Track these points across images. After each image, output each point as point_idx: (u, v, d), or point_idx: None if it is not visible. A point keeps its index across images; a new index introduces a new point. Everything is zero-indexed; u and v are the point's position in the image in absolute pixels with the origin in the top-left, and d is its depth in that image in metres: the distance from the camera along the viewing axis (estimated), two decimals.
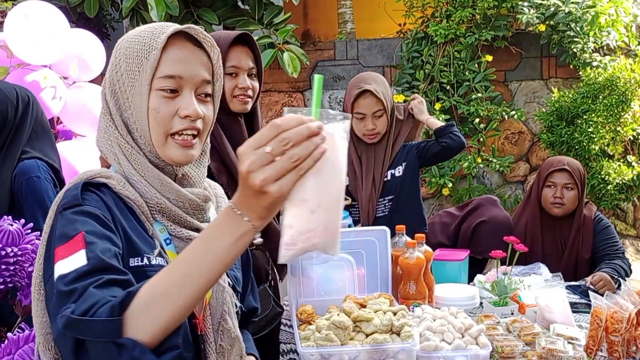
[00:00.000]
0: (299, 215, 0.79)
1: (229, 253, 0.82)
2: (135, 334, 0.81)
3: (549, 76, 5.70)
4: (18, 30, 2.64)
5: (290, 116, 0.78)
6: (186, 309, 0.84)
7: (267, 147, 0.76)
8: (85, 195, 1.01)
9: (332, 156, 0.79)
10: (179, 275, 0.83)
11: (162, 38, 1.03)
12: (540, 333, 1.90)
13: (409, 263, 2.11)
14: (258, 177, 0.76)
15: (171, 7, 5.17)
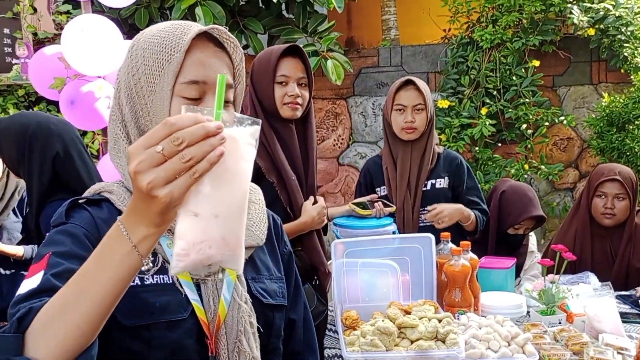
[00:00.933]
0: (192, 224, 0.71)
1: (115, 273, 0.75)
2: (33, 352, 0.75)
3: (599, 81, 5.57)
4: (75, 43, 2.76)
5: (186, 115, 0.70)
6: (83, 330, 0.76)
7: (158, 146, 0.69)
8: (74, 212, 0.98)
9: (233, 162, 0.72)
10: (68, 296, 0.76)
11: (185, 40, 0.95)
12: (588, 343, 1.87)
13: (454, 270, 2.11)
14: (145, 178, 0.69)
15: (218, 18, 5.29)
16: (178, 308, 0.97)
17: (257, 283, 1.09)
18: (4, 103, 4.99)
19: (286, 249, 1.21)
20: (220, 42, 1.01)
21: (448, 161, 2.77)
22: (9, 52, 3.60)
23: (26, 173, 2.16)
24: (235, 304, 1.01)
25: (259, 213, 1.12)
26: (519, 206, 2.80)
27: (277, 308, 1.11)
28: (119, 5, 3.37)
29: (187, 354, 0.96)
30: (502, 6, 5.41)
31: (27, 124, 2.17)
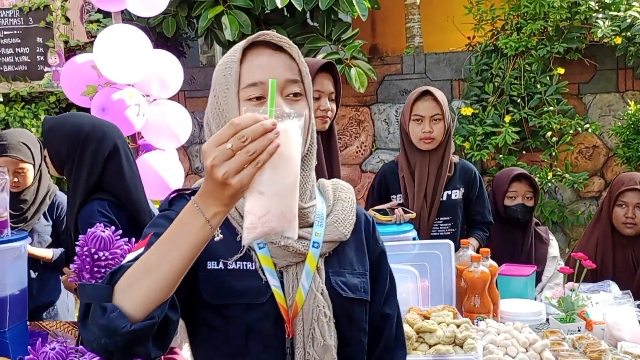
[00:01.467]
0: (258, 203, 0.88)
1: (191, 242, 0.90)
2: (120, 301, 0.91)
3: (625, 89, 5.51)
4: (106, 52, 2.86)
5: (247, 115, 0.86)
6: (162, 288, 0.91)
7: (227, 143, 0.84)
8: (176, 201, 1.14)
9: (286, 150, 0.87)
10: (151, 260, 0.92)
11: (239, 52, 1.10)
12: (607, 350, 1.88)
13: (473, 277, 2.13)
14: (220, 170, 0.84)
15: (244, 26, 5.38)
16: (256, 293, 1.09)
17: (337, 276, 1.17)
18: (35, 109, 5.15)
19: (377, 247, 1.27)
20: (277, 45, 1.12)
21: (464, 172, 2.81)
22: (41, 61, 3.73)
23: (73, 171, 2.20)
24: (312, 293, 1.11)
25: (347, 211, 1.21)
26: (505, 174, 2.93)
27: (358, 302, 1.18)
28: (148, 15, 3.47)
29: (263, 334, 1.09)
30: (527, 14, 5.40)
31: (82, 123, 2.24)
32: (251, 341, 1.10)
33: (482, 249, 2.24)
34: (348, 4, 5.47)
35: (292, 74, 1.12)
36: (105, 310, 0.89)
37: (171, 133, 3.06)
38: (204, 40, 6.81)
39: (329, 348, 1.12)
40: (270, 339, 1.11)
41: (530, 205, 2.84)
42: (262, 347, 1.10)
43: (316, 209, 1.18)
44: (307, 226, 1.16)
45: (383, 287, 1.27)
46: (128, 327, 0.88)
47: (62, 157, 2.24)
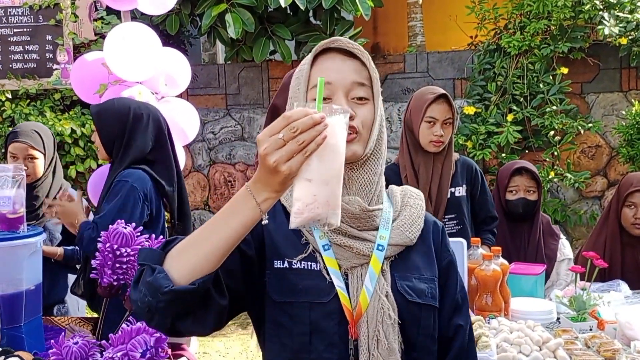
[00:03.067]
0: (305, 190, 0.94)
1: (240, 222, 0.98)
2: (169, 266, 0.99)
3: (629, 88, 5.53)
4: (116, 50, 2.85)
5: (298, 109, 0.93)
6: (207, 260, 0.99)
7: (279, 134, 0.91)
8: None
9: (332, 142, 0.94)
10: (203, 234, 1.00)
11: (311, 56, 1.17)
12: (620, 349, 1.88)
13: (485, 275, 2.14)
14: (272, 158, 0.91)
15: (247, 24, 5.38)
16: (320, 292, 1.12)
17: (404, 280, 1.18)
18: (41, 106, 5.15)
19: (446, 254, 1.27)
20: (349, 52, 1.16)
21: (465, 169, 2.81)
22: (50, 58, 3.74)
23: (122, 148, 2.33)
24: (377, 295, 1.13)
25: (414, 216, 1.23)
26: (507, 168, 2.91)
27: (425, 307, 1.18)
28: (156, 13, 3.46)
29: (327, 334, 1.12)
30: (530, 13, 5.41)
31: (129, 104, 2.40)
32: (315, 340, 1.12)
33: (494, 248, 2.25)
34: (351, 3, 5.47)
35: (359, 77, 1.15)
36: (154, 271, 0.98)
37: (179, 130, 3.05)
38: (206, 38, 6.82)
39: (393, 351, 1.13)
40: (334, 338, 1.12)
41: (532, 199, 2.80)
42: (325, 346, 1.12)
43: (383, 213, 1.20)
44: (372, 229, 1.17)
45: (453, 296, 1.26)
46: (170, 286, 0.96)
47: (112, 137, 2.34)
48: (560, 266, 2.82)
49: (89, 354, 1.31)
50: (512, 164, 2.94)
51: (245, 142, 6.13)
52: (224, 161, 6.16)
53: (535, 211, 2.84)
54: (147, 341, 1.26)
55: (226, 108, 6.17)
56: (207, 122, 6.07)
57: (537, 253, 2.78)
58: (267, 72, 6.07)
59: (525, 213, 2.81)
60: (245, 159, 6.11)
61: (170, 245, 1.03)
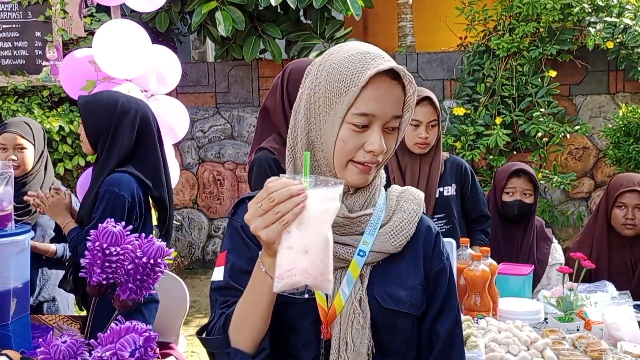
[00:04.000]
0: (284, 257, 0.99)
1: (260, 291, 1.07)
2: (236, 344, 1.10)
3: (616, 90, 5.58)
4: (105, 47, 2.83)
5: (280, 181, 0.99)
6: (260, 327, 1.10)
7: (259, 203, 0.99)
8: (238, 209, 1.24)
9: (314, 213, 0.99)
10: (243, 309, 1.10)
11: (365, 76, 1.08)
12: (607, 350, 1.90)
13: (474, 275, 2.15)
14: (252, 224, 0.99)
15: (238, 22, 5.37)
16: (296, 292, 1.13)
17: (383, 286, 1.18)
18: (29, 103, 5.10)
19: (438, 262, 1.24)
20: (397, 74, 1.12)
21: (455, 168, 2.81)
22: (39, 55, 3.69)
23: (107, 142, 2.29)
24: (351, 299, 1.16)
25: (404, 222, 1.21)
26: (505, 169, 2.90)
27: (402, 315, 1.18)
28: (147, 10, 3.45)
29: (304, 332, 1.17)
30: (519, 15, 5.45)
31: (117, 97, 2.35)
32: (293, 338, 1.17)
33: (482, 248, 2.26)
34: (342, 3, 5.48)
35: (398, 110, 1.14)
36: (229, 355, 1.10)
37: (169, 128, 3.04)
38: (196, 36, 6.79)
39: (361, 355, 1.15)
40: (310, 337, 1.16)
41: (528, 202, 2.81)
42: (301, 344, 1.16)
43: (372, 217, 1.19)
44: (356, 234, 1.17)
45: (437, 305, 1.23)
46: None
47: (98, 129, 2.30)
48: (551, 270, 2.82)
49: (78, 352, 1.30)
50: (511, 165, 2.93)
51: (235, 140, 6.12)
52: (213, 160, 6.14)
53: (530, 214, 2.84)
54: (136, 340, 1.25)
55: (216, 106, 6.15)
56: (197, 120, 6.05)
57: (530, 256, 2.79)
58: (257, 70, 6.06)
59: (520, 215, 2.81)
60: (235, 157, 6.09)
61: (225, 325, 1.11)
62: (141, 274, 1.43)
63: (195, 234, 6.23)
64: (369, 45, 1.16)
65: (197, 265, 6.21)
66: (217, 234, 6.23)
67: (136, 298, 1.48)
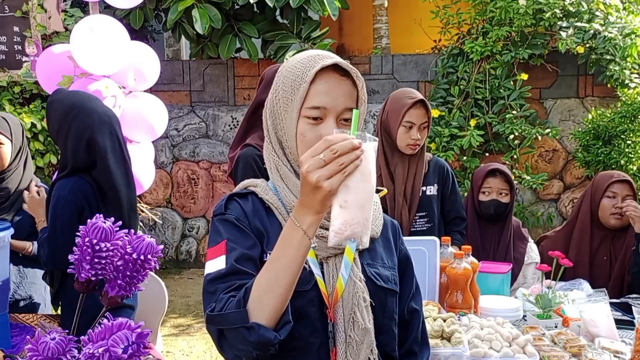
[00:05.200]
0: (345, 210, 1.02)
1: (296, 254, 1.06)
2: (256, 318, 1.07)
3: (585, 94, 5.72)
4: (83, 43, 2.78)
5: (338, 135, 1.02)
6: (285, 296, 1.08)
7: (321, 155, 1.00)
8: (229, 205, 1.27)
9: (366, 165, 1.03)
10: (270, 276, 1.09)
11: (311, 73, 1.20)
12: (586, 345, 1.94)
13: (456, 273, 2.18)
14: (314, 176, 1.00)
15: (214, 20, 5.33)
16: (302, 281, 1.17)
17: (371, 267, 1.31)
18: None
19: (403, 247, 1.42)
20: (345, 71, 1.23)
21: (437, 169, 2.87)
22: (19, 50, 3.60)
23: (61, 148, 2.23)
24: (351, 281, 1.23)
25: (376, 213, 1.34)
26: (482, 169, 2.97)
27: (389, 292, 1.31)
28: (125, 7, 3.40)
29: (310, 319, 1.20)
30: (493, 19, 5.54)
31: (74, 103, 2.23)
32: (299, 326, 1.18)
33: (464, 246, 2.29)
34: (319, 3, 5.49)
35: (351, 102, 1.23)
36: (252, 329, 1.06)
37: (147, 125, 3.00)
38: (170, 34, 6.72)
39: (368, 331, 1.22)
40: (316, 323, 1.21)
41: (504, 202, 2.86)
42: (309, 331, 1.21)
43: None
44: None
45: (410, 284, 1.40)
46: (279, 337, 1.07)
47: (54, 131, 2.25)
48: (527, 269, 2.88)
49: (66, 349, 1.28)
50: (487, 165, 2.98)
51: (210, 139, 6.07)
52: (188, 158, 6.08)
53: (507, 214, 2.89)
54: (129, 337, 1.23)
55: (190, 105, 6.10)
56: (171, 118, 5.97)
57: (506, 255, 2.84)
58: (233, 69, 6.03)
59: (496, 215, 2.86)
60: (209, 156, 6.05)
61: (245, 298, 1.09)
62: (131, 270, 1.40)
63: (168, 233, 6.16)
64: (320, 50, 1.29)
65: (171, 265, 6.14)
66: (191, 233, 6.17)
67: (125, 294, 1.45)
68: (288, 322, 1.09)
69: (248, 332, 1.07)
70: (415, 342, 1.39)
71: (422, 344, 1.40)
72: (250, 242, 1.21)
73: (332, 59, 1.21)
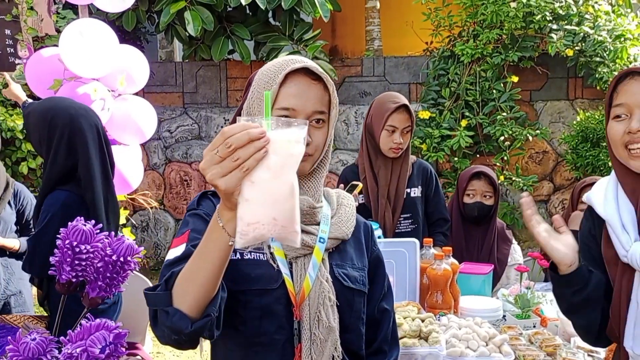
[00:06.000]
0: (247, 208, 0.91)
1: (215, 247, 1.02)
2: (178, 304, 1.06)
3: (575, 97, 5.76)
4: (72, 46, 2.81)
5: (237, 124, 0.91)
6: (207, 288, 1.06)
7: (215, 150, 0.92)
8: (202, 201, 1.31)
9: (278, 158, 0.90)
10: (194, 266, 1.07)
11: (281, 76, 1.21)
12: (561, 345, 1.99)
13: (436, 274, 2.22)
14: (208, 173, 0.92)
15: (207, 22, 5.37)
16: (269, 279, 1.23)
17: (340, 268, 1.33)
18: None
19: (375, 249, 1.43)
20: (317, 75, 1.24)
21: (421, 171, 2.92)
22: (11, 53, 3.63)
23: (45, 157, 2.23)
24: (318, 281, 1.26)
25: (348, 214, 1.37)
26: (467, 171, 3.01)
27: (357, 292, 1.33)
28: (116, 10, 3.43)
29: (276, 317, 1.23)
30: (483, 22, 5.58)
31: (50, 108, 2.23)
32: (265, 323, 1.23)
33: (445, 248, 2.33)
34: (310, 5, 5.53)
35: (321, 105, 1.25)
36: (168, 314, 1.06)
37: (136, 128, 3.04)
38: (163, 36, 6.75)
39: (332, 330, 1.25)
40: (282, 320, 1.24)
41: (488, 204, 2.90)
42: (275, 328, 1.24)
43: (322, 210, 1.32)
44: (315, 224, 1.30)
45: (381, 284, 1.42)
46: (189, 327, 1.05)
47: (36, 141, 2.25)
48: (510, 270, 2.92)
49: (47, 350, 1.31)
50: (472, 168, 3.03)
51: (202, 141, 6.11)
52: (180, 160, 6.12)
53: (491, 216, 2.93)
54: (107, 337, 1.26)
55: (183, 106, 6.13)
56: (164, 120, 6.02)
57: (490, 256, 2.88)
58: (226, 71, 6.06)
59: (480, 217, 2.90)
60: (202, 158, 6.07)
61: (170, 282, 1.08)
62: (111, 271, 1.44)
63: (161, 234, 6.19)
64: (295, 56, 1.29)
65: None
66: None
67: (105, 295, 1.49)
68: (208, 316, 1.06)
69: (166, 316, 1.07)
70: (385, 341, 1.42)
71: (391, 343, 1.44)
72: None
73: (303, 63, 1.24)
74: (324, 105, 1.26)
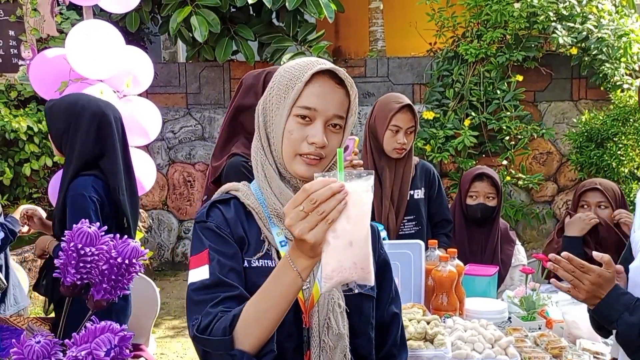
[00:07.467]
0: (331, 255, 1.00)
1: (288, 292, 1.08)
2: (241, 346, 1.10)
3: (579, 97, 5.75)
4: (78, 47, 2.81)
5: (317, 181, 1.00)
6: (272, 328, 1.11)
7: (300, 206, 0.99)
8: (211, 212, 1.29)
9: (356, 207, 1.00)
10: (260, 308, 1.11)
11: (308, 74, 1.22)
12: (567, 347, 1.98)
13: (441, 276, 2.21)
14: (295, 229, 1.00)
15: (213, 25, 5.38)
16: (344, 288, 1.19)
17: None
18: None
19: (382, 252, 1.42)
20: (341, 80, 1.25)
21: (424, 172, 2.91)
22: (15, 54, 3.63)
23: (69, 144, 2.30)
24: None
25: None
26: (469, 173, 2.99)
27: (366, 297, 1.32)
28: (120, 11, 3.43)
29: (286, 324, 1.20)
30: (487, 22, 5.57)
31: (78, 98, 2.35)
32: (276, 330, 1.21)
33: (450, 250, 2.32)
34: (315, 6, 5.52)
35: (341, 110, 1.25)
36: (234, 357, 1.10)
37: (141, 129, 3.04)
38: (167, 37, 6.76)
39: (342, 336, 1.25)
40: (291, 328, 1.23)
41: (491, 205, 2.89)
42: (285, 335, 1.22)
43: None
44: None
45: (389, 288, 1.41)
46: None
47: (59, 133, 2.31)
48: (514, 271, 2.91)
49: (52, 353, 1.31)
50: (475, 169, 3.01)
51: (206, 142, 6.11)
52: (184, 161, 6.12)
53: (494, 217, 2.92)
54: (112, 340, 1.26)
55: (186, 107, 6.13)
56: (167, 121, 6.02)
57: (494, 258, 2.87)
58: (229, 72, 6.07)
59: (483, 218, 2.89)
60: (205, 158, 6.08)
61: (232, 325, 1.11)
62: (116, 274, 1.43)
63: (164, 235, 6.20)
64: (318, 58, 1.30)
65: (167, 267, 6.18)
66: (187, 235, 6.20)
67: (110, 298, 1.48)
68: (271, 352, 1.12)
69: (231, 359, 1.10)
70: (394, 345, 1.41)
71: (400, 347, 1.43)
72: (231, 250, 1.23)
73: (330, 65, 1.24)
74: (344, 111, 1.26)
